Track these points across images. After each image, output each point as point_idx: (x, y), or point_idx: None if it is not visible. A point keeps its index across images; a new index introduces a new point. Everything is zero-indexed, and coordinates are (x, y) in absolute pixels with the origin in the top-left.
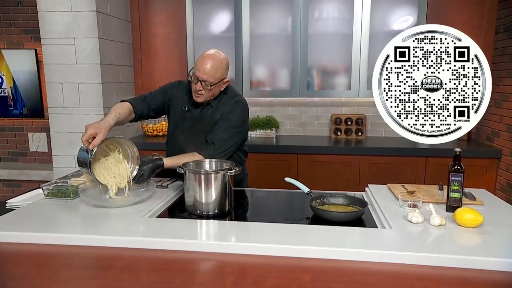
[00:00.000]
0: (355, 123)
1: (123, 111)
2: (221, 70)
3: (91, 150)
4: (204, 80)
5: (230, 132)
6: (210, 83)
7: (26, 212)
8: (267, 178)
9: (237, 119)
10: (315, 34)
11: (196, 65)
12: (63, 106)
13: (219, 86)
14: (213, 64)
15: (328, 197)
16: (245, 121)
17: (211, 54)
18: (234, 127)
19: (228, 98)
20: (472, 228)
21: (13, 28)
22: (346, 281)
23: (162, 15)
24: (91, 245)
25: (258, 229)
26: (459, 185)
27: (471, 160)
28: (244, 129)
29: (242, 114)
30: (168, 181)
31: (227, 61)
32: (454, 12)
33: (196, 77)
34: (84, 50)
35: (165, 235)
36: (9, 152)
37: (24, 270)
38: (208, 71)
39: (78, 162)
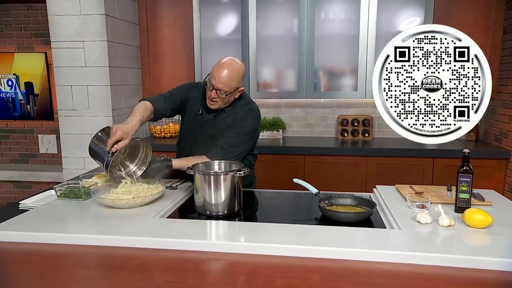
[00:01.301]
0: (362, 124)
1: (146, 113)
2: (237, 80)
3: (113, 152)
4: (219, 89)
5: (241, 138)
6: (225, 92)
7: (41, 212)
8: (274, 179)
9: (248, 126)
10: (321, 36)
11: (212, 73)
12: (73, 108)
13: (234, 95)
14: (229, 73)
15: (336, 198)
16: (256, 129)
17: (228, 63)
18: (245, 134)
19: (241, 105)
20: (481, 228)
21: (23, 32)
22: (355, 281)
23: (169, 18)
24: (104, 245)
25: (268, 230)
26: (467, 186)
27: (480, 161)
28: (255, 136)
29: (254, 122)
30: (177, 182)
31: (243, 70)
32: (461, 12)
33: (211, 85)
34: (93, 53)
35: (177, 235)
36: (19, 154)
37: (40, 270)
38: (224, 81)
39: (91, 151)
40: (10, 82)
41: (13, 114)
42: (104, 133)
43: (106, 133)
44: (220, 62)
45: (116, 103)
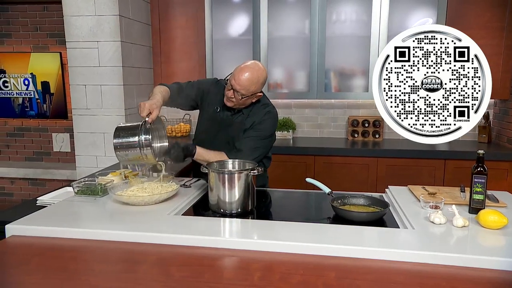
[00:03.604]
0: (372, 125)
1: (164, 93)
2: (256, 86)
3: (148, 126)
4: (237, 90)
5: (259, 142)
6: (242, 94)
7: (60, 209)
8: (285, 179)
9: (266, 130)
10: (332, 37)
11: (234, 73)
12: (86, 107)
13: (251, 99)
14: (249, 78)
15: (349, 198)
16: (273, 132)
17: (251, 67)
18: (263, 138)
19: (260, 108)
20: (496, 230)
21: (39, 32)
22: (371, 279)
23: (181, 18)
24: (123, 241)
25: (283, 228)
26: (482, 187)
27: (493, 163)
28: (272, 139)
29: (272, 125)
30: (191, 181)
31: (264, 76)
32: (474, 13)
33: (230, 85)
34: (107, 53)
35: (193, 232)
36: (34, 152)
37: (62, 263)
38: (243, 84)
39: (121, 146)
40: (26, 82)
41: (30, 113)
42: (120, 128)
43: (121, 128)
44: (244, 64)
45: (129, 102)
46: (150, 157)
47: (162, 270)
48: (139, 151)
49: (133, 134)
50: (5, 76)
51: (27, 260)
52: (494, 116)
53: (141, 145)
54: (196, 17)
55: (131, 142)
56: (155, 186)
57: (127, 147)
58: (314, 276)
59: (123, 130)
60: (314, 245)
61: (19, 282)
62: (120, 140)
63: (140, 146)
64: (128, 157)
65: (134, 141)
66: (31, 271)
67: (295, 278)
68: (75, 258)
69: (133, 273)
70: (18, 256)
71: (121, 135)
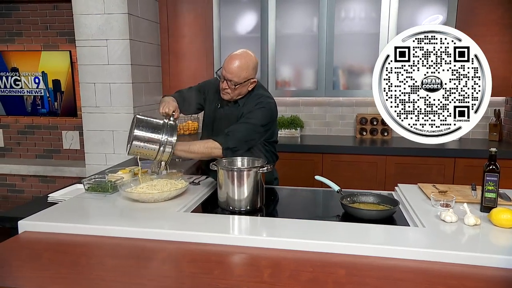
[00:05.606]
0: (381, 123)
1: (173, 98)
2: (247, 71)
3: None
4: (229, 79)
5: (245, 127)
6: (235, 82)
7: (71, 205)
8: (292, 177)
9: (255, 119)
10: (341, 34)
11: (223, 64)
12: (95, 105)
13: (246, 86)
14: (239, 65)
15: (358, 196)
16: (265, 124)
17: (239, 54)
18: (251, 125)
19: (253, 99)
20: (508, 228)
21: (49, 31)
22: (381, 277)
23: (189, 16)
24: (133, 237)
25: (292, 225)
26: (494, 185)
27: (504, 161)
28: (264, 131)
29: (263, 116)
30: (200, 178)
31: (254, 61)
32: (485, 9)
33: (222, 76)
34: (116, 51)
35: (203, 229)
36: (44, 149)
37: (74, 258)
38: (233, 71)
39: (143, 138)
40: (37, 80)
41: (41, 111)
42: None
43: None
44: (231, 53)
45: (137, 100)
46: (166, 156)
47: (173, 266)
48: (157, 149)
49: (158, 131)
50: (17, 74)
51: (39, 255)
52: (506, 114)
53: (163, 143)
54: (204, 15)
55: (155, 139)
56: (164, 183)
57: (148, 141)
58: (323, 273)
59: (147, 123)
60: (323, 243)
61: (31, 277)
62: (143, 133)
63: (161, 144)
64: (142, 150)
65: (157, 138)
66: (43, 266)
67: (305, 275)
68: (86, 254)
69: (144, 269)
70: (30, 251)
71: (145, 128)
